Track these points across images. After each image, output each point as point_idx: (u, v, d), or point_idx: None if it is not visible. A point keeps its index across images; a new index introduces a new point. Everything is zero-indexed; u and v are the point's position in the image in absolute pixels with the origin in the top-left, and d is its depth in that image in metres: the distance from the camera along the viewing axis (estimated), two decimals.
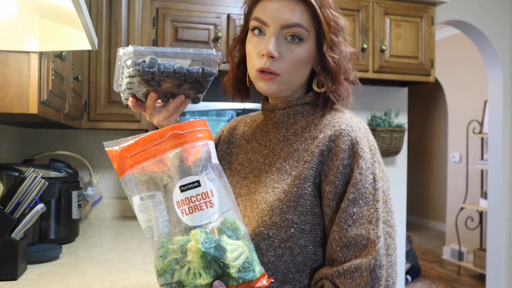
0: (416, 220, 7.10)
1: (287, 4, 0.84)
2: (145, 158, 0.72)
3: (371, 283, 0.76)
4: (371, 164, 0.82)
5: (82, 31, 1.01)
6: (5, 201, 1.30)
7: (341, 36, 0.90)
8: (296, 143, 0.88)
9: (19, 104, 1.06)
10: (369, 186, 0.80)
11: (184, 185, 0.71)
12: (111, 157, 0.74)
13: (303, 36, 0.85)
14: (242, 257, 0.69)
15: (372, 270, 0.76)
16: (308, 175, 0.82)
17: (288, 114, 0.92)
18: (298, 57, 0.85)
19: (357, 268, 0.77)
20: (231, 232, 0.71)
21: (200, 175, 0.72)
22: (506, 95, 3.23)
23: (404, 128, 2.87)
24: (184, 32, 2.16)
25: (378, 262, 0.77)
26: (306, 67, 0.88)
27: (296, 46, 0.85)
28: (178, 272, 0.68)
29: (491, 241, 3.32)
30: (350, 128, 0.84)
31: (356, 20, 2.48)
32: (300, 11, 0.84)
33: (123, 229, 2.09)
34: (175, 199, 0.71)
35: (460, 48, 5.18)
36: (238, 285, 0.69)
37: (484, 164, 4.32)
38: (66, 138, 2.38)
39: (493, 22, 3.16)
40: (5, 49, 1.04)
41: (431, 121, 6.93)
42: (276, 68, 0.84)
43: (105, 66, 2.06)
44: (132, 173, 0.73)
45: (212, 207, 0.71)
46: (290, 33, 0.84)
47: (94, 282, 1.30)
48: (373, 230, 0.78)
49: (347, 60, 0.90)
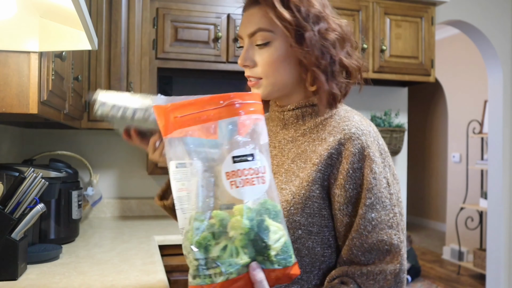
0: (416, 220, 7.10)
1: (250, 13, 0.89)
2: (195, 122, 0.67)
3: (394, 286, 0.78)
4: (383, 168, 0.82)
5: (82, 31, 1.01)
6: (5, 201, 1.30)
7: (317, 23, 0.86)
8: (304, 144, 0.88)
9: (19, 104, 1.06)
10: (384, 191, 0.81)
11: (238, 156, 0.66)
12: (157, 113, 0.69)
13: (268, 38, 0.87)
14: (282, 240, 0.66)
15: (396, 275, 0.78)
16: (316, 177, 0.82)
17: (297, 115, 0.91)
18: (269, 58, 0.87)
19: (382, 271, 0.78)
20: (272, 215, 0.67)
21: (255, 150, 0.68)
22: (506, 95, 3.23)
23: (404, 128, 2.87)
24: (184, 32, 2.16)
25: (403, 267, 0.79)
26: (285, 65, 0.88)
27: (265, 49, 0.87)
28: (212, 248, 0.63)
29: (491, 241, 3.32)
30: (360, 131, 0.84)
31: (356, 20, 2.48)
32: (260, 15, 0.87)
33: (123, 229, 2.09)
34: (224, 169, 0.66)
35: (460, 48, 5.18)
36: (274, 269, 0.66)
37: (484, 164, 4.32)
38: (66, 138, 2.38)
39: (493, 22, 3.16)
40: (5, 49, 1.04)
41: (431, 121, 6.93)
42: (254, 74, 0.89)
43: (105, 66, 2.06)
44: (177, 135, 0.67)
45: (263, 183, 0.67)
46: (257, 39, 0.88)
47: (94, 282, 1.30)
48: (395, 235, 0.79)
49: (326, 48, 0.86)
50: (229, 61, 2.22)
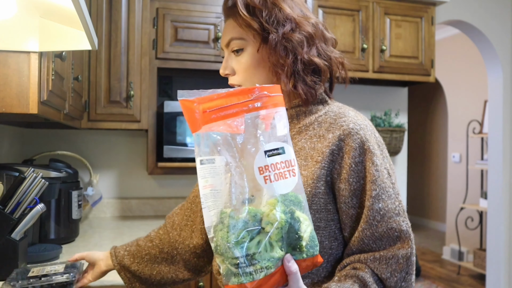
0: (416, 220, 7.09)
1: (226, 25, 0.96)
2: (221, 117, 0.66)
3: (406, 269, 0.82)
4: (382, 159, 0.86)
5: (82, 31, 1.01)
6: (5, 201, 1.30)
7: (281, 26, 0.88)
8: (301, 142, 0.90)
9: (19, 104, 1.06)
10: (387, 181, 0.85)
11: (270, 150, 0.66)
12: (184, 108, 0.67)
13: (240, 46, 0.92)
14: (309, 230, 0.67)
15: (408, 258, 0.82)
16: (321, 174, 0.85)
17: (291, 115, 0.94)
18: (244, 64, 0.92)
19: (394, 256, 0.81)
20: (298, 206, 0.67)
21: (285, 142, 0.68)
22: (506, 95, 3.23)
23: (404, 128, 2.87)
24: (184, 32, 2.16)
25: (413, 250, 0.83)
26: (260, 69, 0.92)
27: (240, 56, 0.93)
28: (249, 245, 0.63)
29: (491, 241, 3.32)
30: (358, 126, 0.87)
31: (356, 20, 2.48)
32: (232, 26, 0.93)
33: (123, 229, 2.09)
34: (257, 164, 0.65)
35: (460, 48, 5.18)
36: (305, 259, 0.67)
37: (484, 164, 4.32)
38: (66, 138, 2.38)
39: (493, 22, 3.16)
40: (5, 49, 1.04)
41: (431, 121, 6.93)
42: (234, 81, 0.95)
43: (105, 66, 2.06)
44: (204, 131, 0.66)
45: (294, 176, 0.68)
46: (232, 48, 0.94)
47: (94, 282, 1.29)
48: (403, 222, 0.83)
49: (291, 46, 0.88)
50: None
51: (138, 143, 2.49)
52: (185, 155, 2.16)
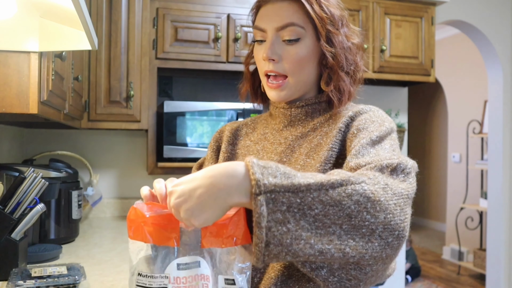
0: (416, 220, 7.09)
1: (279, 7, 0.87)
2: None
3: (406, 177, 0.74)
4: (390, 129, 0.85)
5: (82, 31, 1.01)
6: (5, 201, 1.30)
7: (342, 27, 0.89)
8: (316, 138, 0.89)
9: (19, 104, 1.06)
10: (387, 144, 0.81)
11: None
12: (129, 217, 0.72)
13: (299, 35, 0.86)
14: None
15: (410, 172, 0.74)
16: (328, 156, 0.83)
17: (306, 112, 0.93)
18: (297, 56, 0.87)
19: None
20: None
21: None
22: (506, 95, 3.23)
23: (404, 128, 2.87)
24: (184, 32, 2.16)
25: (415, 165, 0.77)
26: (310, 64, 0.89)
27: (294, 45, 0.87)
28: None
29: (491, 241, 3.32)
30: (368, 108, 0.89)
31: (356, 20, 2.48)
32: (292, 10, 0.86)
33: (123, 229, 2.09)
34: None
35: (460, 48, 5.18)
36: None
37: (484, 164, 4.31)
38: (66, 138, 2.38)
39: (493, 22, 3.16)
40: (5, 49, 1.04)
41: (431, 121, 6.93)
42: (279, 69, 0.88)
43: (105, 66, 2.06)
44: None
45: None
46: (287, 34, 0.86)
47: (94, 282, 1.29)
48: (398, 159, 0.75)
49: (350, 52, 0.90)
50: (229, 61, 2.22)
51: (138, 143, 2.49)
52: (185, 155, 2.16)
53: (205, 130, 2.22)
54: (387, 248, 0.65)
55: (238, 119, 2.22)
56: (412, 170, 0.75)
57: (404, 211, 0.67)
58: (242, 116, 2.22)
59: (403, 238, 0.66)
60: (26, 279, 1.09)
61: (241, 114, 2.22)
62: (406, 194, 0.69)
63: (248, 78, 1.02)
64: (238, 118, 2.22)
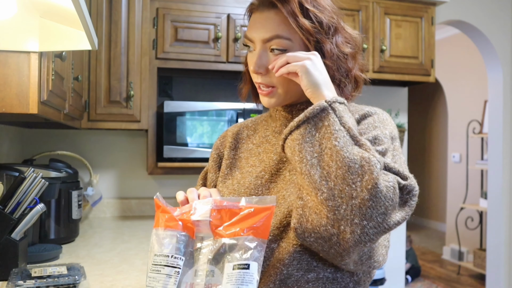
0: (416, 220, 7.09)
1: (266, 17, 0.85)
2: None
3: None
4: (391, 136, 0.85)
5: (82, 31, 1.01)
6: (5, 201, 1.30)
7: (334, 35, 0.86)
8: None
9: (19, 104, 1.06)
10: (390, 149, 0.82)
11: None
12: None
13: (285, 46, 0.84)
14: None
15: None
16: None
17: None
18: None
19: None
20: None
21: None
22: (506, 95, 3.23)
23: (404, 128, 2.87)
24: (184, 32, 2.16)
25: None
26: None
27: (281, 56, 0.84)
28: None
29: (491, 241, 3.32)
30: (374, 110, 0.89)
31: (356, 20, 2.48)
32: (279, 21, 0.83)
33: (123, 229, 2.09)
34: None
35: (460, 48, 5.18)
36: None
37: (484, 164, 4.31)
38: (66, 138, 2.38)
39: (493, 22, 3.16)
40: (5, 49, 1.04)
41: (431, 121, 6.93)
42: (268, 81, 0.87)
43: (105, 66, 2.06)
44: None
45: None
46: (274, 44, 0.84)
47: (94, 282, 1.30)
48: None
49: (341, 60, 0.87)
50: (229, 61, 2.22)
51: (138, 143, 2.49)
52: (185, 155, 2.16)
53: (205, 130, 2.22)
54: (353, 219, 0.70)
55: (238, 119, 2.22)
56: (417, 194, 0.78)
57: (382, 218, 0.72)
58: (242, 116, 2.22)
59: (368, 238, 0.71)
60: (26, 279, 1.09)
61: (241, 114, 2.22)
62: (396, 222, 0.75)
63: (248, 79, 1.00)
64: (238, 118, 2.22)
